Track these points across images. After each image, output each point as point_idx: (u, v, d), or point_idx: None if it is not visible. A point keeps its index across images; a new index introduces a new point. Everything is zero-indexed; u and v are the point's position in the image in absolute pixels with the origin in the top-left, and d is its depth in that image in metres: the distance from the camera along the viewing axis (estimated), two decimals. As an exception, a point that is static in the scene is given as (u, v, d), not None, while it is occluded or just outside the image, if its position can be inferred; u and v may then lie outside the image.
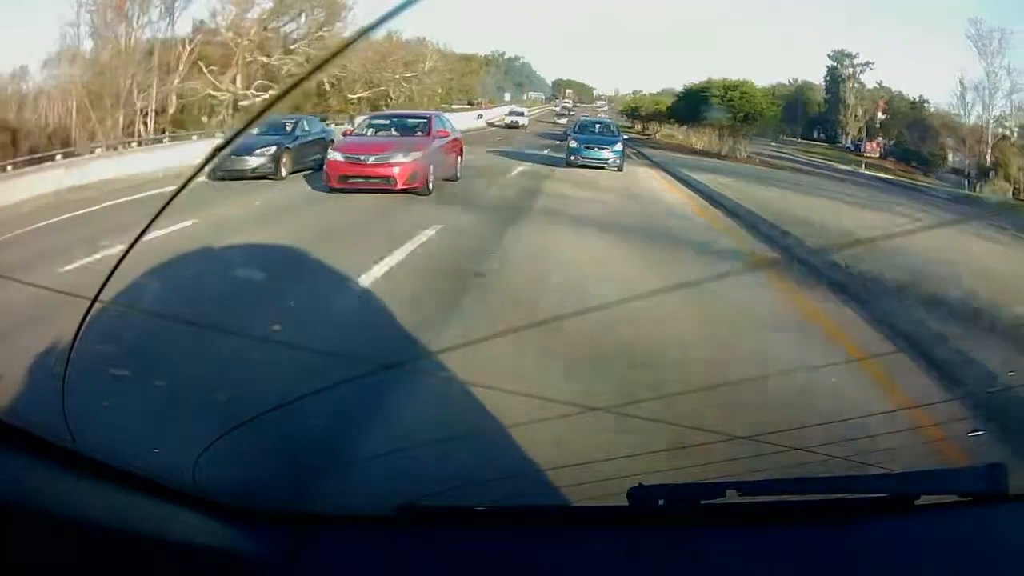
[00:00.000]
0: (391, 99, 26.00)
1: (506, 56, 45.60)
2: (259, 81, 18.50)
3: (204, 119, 19.17)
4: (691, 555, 1.25)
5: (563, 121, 38.23)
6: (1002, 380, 3.91)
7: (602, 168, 17.37)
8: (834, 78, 31.32)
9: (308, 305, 4.82)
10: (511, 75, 46.66)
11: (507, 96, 44.57)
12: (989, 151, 27.83)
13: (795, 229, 9.22)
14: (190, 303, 4.57)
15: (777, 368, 4.12)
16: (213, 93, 17.92)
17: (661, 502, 1.33)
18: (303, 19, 20.54)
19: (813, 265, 7.18)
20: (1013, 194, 26.51)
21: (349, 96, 23.28)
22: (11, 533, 0.73)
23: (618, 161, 17.92)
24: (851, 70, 27.73)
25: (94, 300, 1.15)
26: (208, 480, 1.20)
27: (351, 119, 15.89)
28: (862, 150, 32.35)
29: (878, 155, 32.44)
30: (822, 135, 34.43)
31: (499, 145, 22.98)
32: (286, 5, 19.62)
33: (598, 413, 3.08)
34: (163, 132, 18.55)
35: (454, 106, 34.70)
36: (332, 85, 22.54)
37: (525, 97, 47.20)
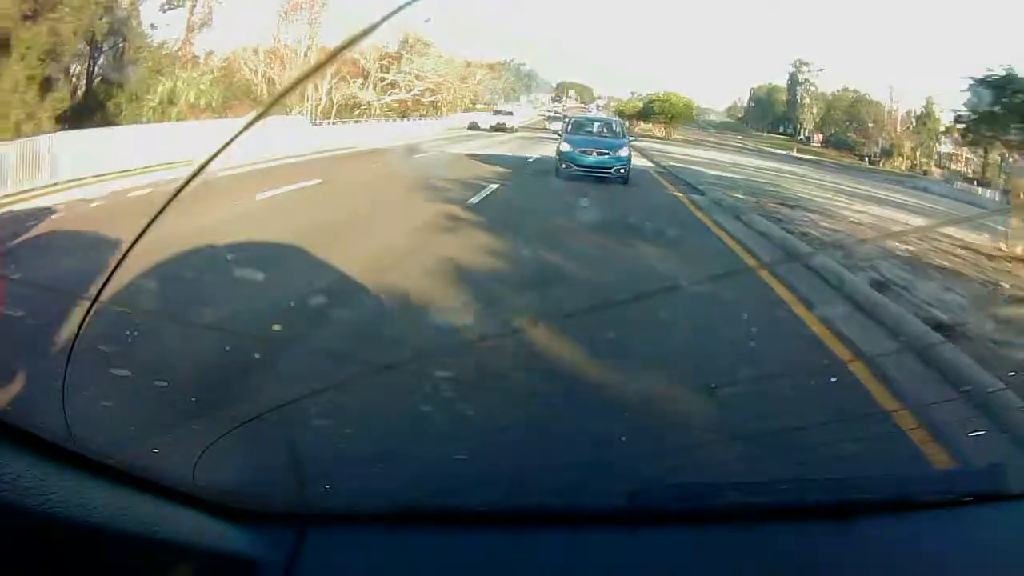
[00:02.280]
0: (442, 101, 35.84)
1: (514, 62, 47.63)
2: (389, 89, 29.36)
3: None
4: (691, 555, 1.25)
5: (556, 126, 33.36)
6: (1002, 380, 3.91)
7: (603, 178, 13.47)
8: (794, 82, 37.62)
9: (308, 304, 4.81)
10: (520, 79, 48.24)
11: (522, 99, 45.50)
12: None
13: (658, 156, 22.52)
14: (191, 303, 4.57)
15: (777, 368, 4.12)
16: (356, 95, 28.49)
17: (661, 502, 1.33)
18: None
19: (665, 169, 19.10)
20: (909, 168, 35.97)
21: (422, 100, 33.66)
22: (11, 533, 0.73)
23: (623, 171, 13.68)
24: (807, 75, 33.01)
25: (94, 300, 1.15)
26: (208, 480, 1.20)
27: None
28: (812, 141, 40.68)
29: (820, 144, 40.71)
30: (787, 130, 41.95)
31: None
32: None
33: (598, 413, 3.08)
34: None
35: (478, 106, 39.00)
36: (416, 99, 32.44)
37: (534, 97, 48.25)
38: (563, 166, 13.65)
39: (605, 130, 15.77)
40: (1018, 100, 14.76)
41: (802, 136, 40.76)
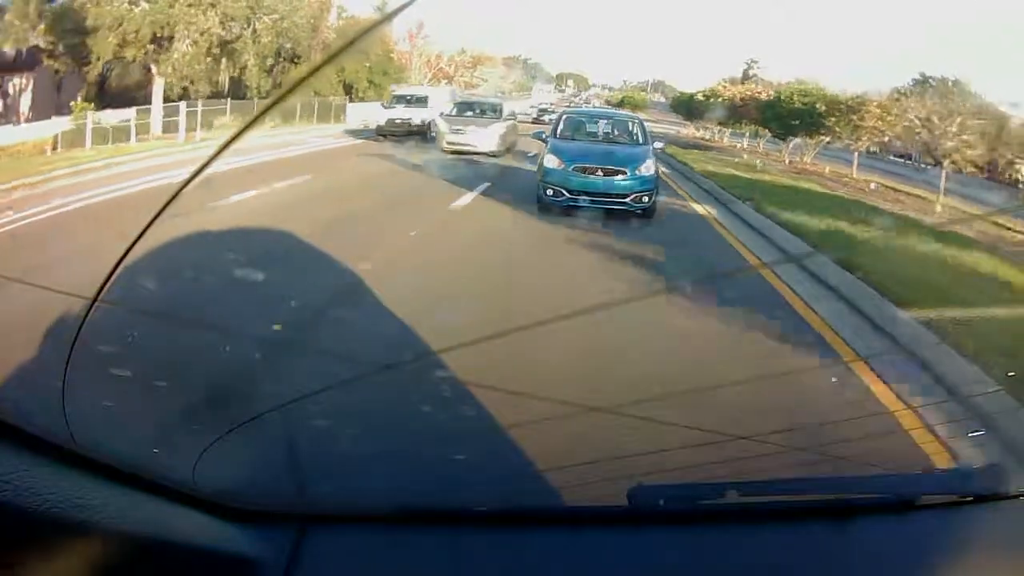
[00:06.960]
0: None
1: (520, 56, 53.66)
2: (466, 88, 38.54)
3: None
4: (691, 555, 1.25)
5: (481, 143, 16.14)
6: (1001, 380, 3.91)
7: (621, 210, 8.91)
8: (746, 78, 41.86)
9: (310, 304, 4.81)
10: (527, 71, 52.43)
11: (533, 90, 48.15)
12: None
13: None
14: (191, 303, 4.57)
15: (777, 368, 4.12)
16: (449, 90, 41.04)
17: (661, 502, 1.33)
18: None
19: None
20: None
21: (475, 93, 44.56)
22: (11, 533, 0.73)
23: (646, 198, 8.97)
24: (755, 71, 35.37)
25: (94, 300, 1.15)
26: (208, 480, 1.20)
27: None
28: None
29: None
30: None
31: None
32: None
33: (598, 413, 3.07)
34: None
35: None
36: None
37: (538, 87, 51.75)
38: (547, 192, 9.09)
39: (616, 133, 10.80)
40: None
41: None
